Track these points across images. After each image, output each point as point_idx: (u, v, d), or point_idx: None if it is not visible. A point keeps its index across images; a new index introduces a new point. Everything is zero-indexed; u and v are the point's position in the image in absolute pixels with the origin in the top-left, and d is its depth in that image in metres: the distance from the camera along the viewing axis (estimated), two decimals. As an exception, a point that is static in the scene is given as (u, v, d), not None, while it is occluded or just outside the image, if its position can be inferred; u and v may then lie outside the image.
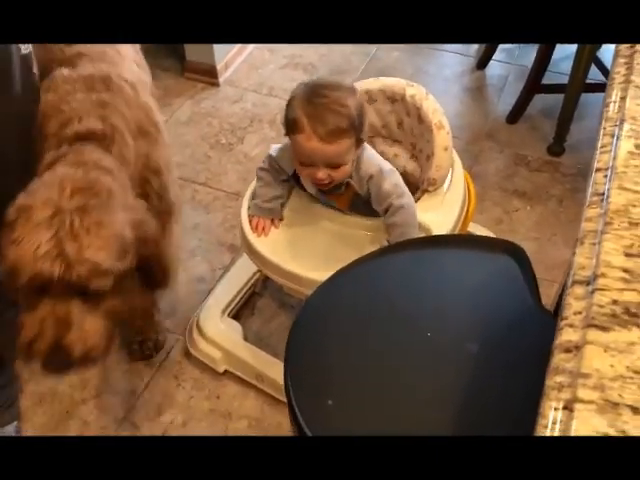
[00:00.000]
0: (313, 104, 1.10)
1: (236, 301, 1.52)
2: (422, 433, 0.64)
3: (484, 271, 0.77)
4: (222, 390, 1.41)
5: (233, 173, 1.95)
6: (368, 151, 1.22)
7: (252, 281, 1.56)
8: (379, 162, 1.21)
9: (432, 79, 2.30)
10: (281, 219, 1.27)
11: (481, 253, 0.79)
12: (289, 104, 1.15)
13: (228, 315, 1.49)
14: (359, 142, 1.16)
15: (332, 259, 1.16)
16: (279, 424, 1.34)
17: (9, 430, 1.32)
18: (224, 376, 1.43)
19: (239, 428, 1.34)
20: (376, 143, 1.40)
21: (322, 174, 1.14)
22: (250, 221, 1.26)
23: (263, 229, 1.25)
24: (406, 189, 1.20)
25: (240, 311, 1.54)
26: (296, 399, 0.67)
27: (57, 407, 1.39)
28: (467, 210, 1.35)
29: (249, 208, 1.28)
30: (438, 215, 1.26)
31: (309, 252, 1.22)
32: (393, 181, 1.19)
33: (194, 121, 2.15)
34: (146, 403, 1.39)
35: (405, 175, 1.34)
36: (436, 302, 0.74)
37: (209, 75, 2.30)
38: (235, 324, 1.46)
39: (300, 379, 0.69)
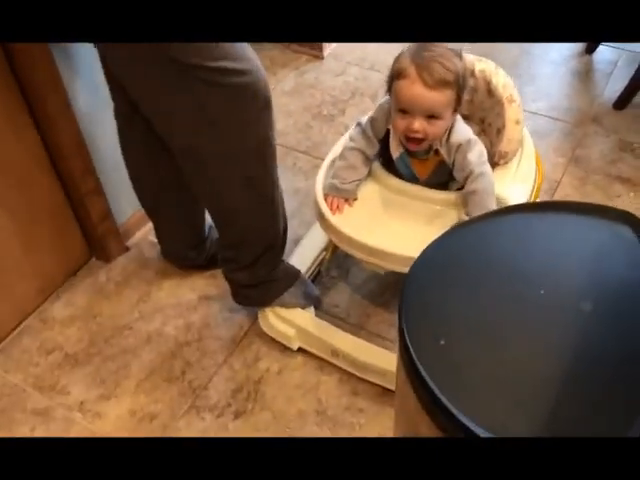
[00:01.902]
0: (421, 55, 1.14)
1: (307, 275, 1.52)
2: (528, 380, 0.67)
3: (600, 236, 0.78)
4: None
5: (333, 143, 2.00)
6: (460, 122, 1.25)
7: (321, 257, 1.57)
8: (468, 133, 1.24)
9: (538, 61, 2.27)
10: (355, 199, 1.29)
11: (596, 219, 0.80)
12: (397, 59, 1.18)
13: None
14: (458, 102, 1.18)
15: (409, 235, 1.19)
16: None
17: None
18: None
19: (329, 380, 1.41)
20: None
21: (419, 124, 1.16)
22: (325, 199, 1.28)
23: (338, 207, 1.27)
24: (487, 161, 1.22)
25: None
26: (410, 338, 0.71)
27: (163, 347, 1.50)
28: (537, 187, 1.36)
29: (325, 187, 1.29)
30: (512, 187, 1.27)
31: (387, 228, 1.24)
32: (478, 151, 1.22)
33: (298, 92, 2.22)
34: (244, 350, 1.48)
35: None
36: (550, 262, 0.76)
37: (314, 48, 2.36)
38: None
39: (413, 321, 0.73)
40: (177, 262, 1.64)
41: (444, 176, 1.29)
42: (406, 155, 1.28)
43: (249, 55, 1.11)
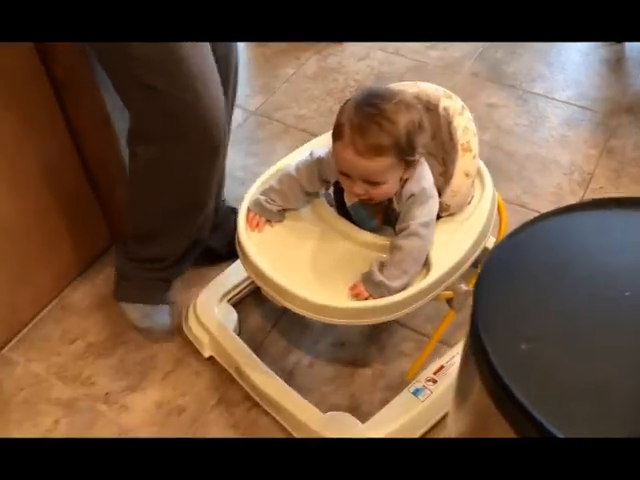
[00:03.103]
0: (359, 113, 1.00)
1: (240, 288, 1.45)
2: (613, 388, 0.63)
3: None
4: (346, 338, 1.44)
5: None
6: (420, 169, 1.10)
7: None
8: (426, 183, 1.10)
9: (566, 50, 2.22)
10: (279, 221, 1.18)
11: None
12: (342, 106, 1.06)
13: (228, 301, 1.43)
14: (408, 163, 1.05)
15: (325, 275, 1.10)
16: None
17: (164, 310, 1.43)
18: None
19: (366, 374, 1.37)
20: None
21: (359, 188, 1.05)
22: (247, 214, 1.17)
23: (257, 225, 1.16)
24: (433, 225, 1.09)
25: (244, 299, 1.48)
26: (488, 343, 0.67)
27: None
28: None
29: (250, 202, 1.18)
30: (442, 247, 1.11)
31: (298, 262, 1.12)
32: (427, 209, 1.08)
33: (320, 76, 2.16)
34: (274, 342, 1.44)
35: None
36: (634, 262, 0.72)
37: (336, 31, 2.29)
38: (231, 312, 1.41)
39: (490, 324, 0.69)
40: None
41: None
42: (358, 205, 1.16)
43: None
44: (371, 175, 1.03)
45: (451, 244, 1.13)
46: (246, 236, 1.15)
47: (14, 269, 1.40)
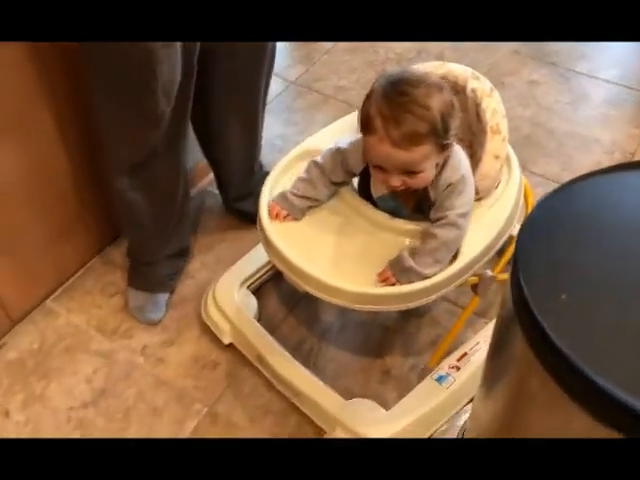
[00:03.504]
0: (390, 103, 0.96)
1: (259, 274, 1.44)
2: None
3: None
4: (366, 323, 1.44)
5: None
6: (458, 155, 1.07)
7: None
8: (465, 171, 1.06)
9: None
10: (297, 219, 1.14)
11: None
12: (366, 99, 1.01)
13: (247, 287, 1.41)
14: (444, 147, 1.01)
15: (351, 260, 1.07)
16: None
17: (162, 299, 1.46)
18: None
19: (388, 361, 1.38)
20: None
21: (396, 181, 1.01)
22: (269, 205, 1.13)
23: (277, 215, 1.12)
24: (470, 215, 1.07)
25: (263, 286, 1.47)
26: (528, 293, 0.68)
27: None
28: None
29: (275, 194, 1.15)
30: (470, 232, 1.08)
31: (323, 248, 1.11)
32: (467, 198, 1.05)
33: (360, 49, 2.16)
34: (293, 328, 1.44)
35: None
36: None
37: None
38: (251, 299, 1.39)
39: (531, 274, 0.70)
40: (237, 215, 1.62)
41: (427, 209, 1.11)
42: (387, 194, 1.13)
43: None
44: (410, 165, 0.99)
45: (479, 230, 1.10)
46: (269, 222, 1.12)
47: (59, 222, 1.44)
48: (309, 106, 1.97)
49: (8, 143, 1.24)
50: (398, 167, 1.00)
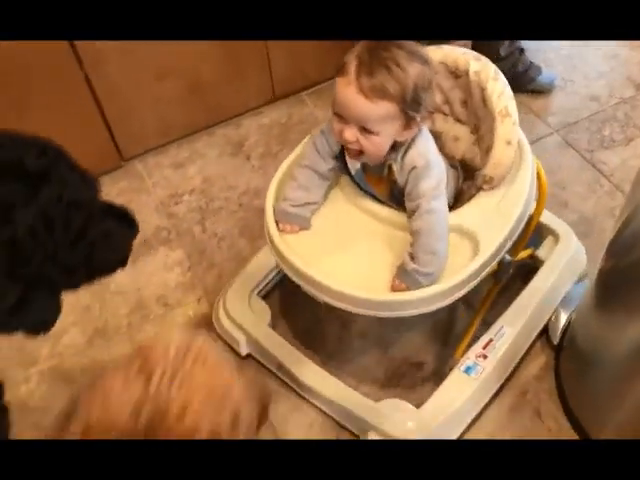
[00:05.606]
0: (371, 52, 0.96)
1: (268, 279, 1.39)
2: None
3: None
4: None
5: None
6: (424, 139, 1.05)
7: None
8: (430, 155, 1.04)
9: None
10: (306, 228, 1.11)
11: None
12: (355, 46, 1.00)
13: (258, 294, 1.36)
14: (409, 121, 0.99)
15: (363, 263, 1.06)
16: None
17: None
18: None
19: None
20: (436, 120, 1.20)
21: (349, 134, 1.00)
22: (277, 226, 1.11)
23: (290, 231, 1.11)
24: (444, 192, 1.04)
25: (272, 290, 1.42)
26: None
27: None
28: (530, 221, 1.14)
29: (275, 212, 1.11)
30: (488, 222, 1.06)
31: (334, 253, 1.08)
32: (434, 181, 1.02)
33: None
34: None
35: (464, 162, 1.18)
36: None
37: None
38: (264, 307, 1.34)
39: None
40: None
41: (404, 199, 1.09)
42: (361, 172, 1.12)
43: None
44: (367, 120, 0.98)
45: (496, 220, 1.07)
46: (278, 236, 1.09)
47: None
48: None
49: None
50: (356, 117, 0.98)
